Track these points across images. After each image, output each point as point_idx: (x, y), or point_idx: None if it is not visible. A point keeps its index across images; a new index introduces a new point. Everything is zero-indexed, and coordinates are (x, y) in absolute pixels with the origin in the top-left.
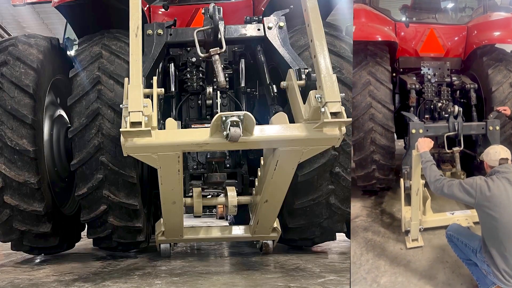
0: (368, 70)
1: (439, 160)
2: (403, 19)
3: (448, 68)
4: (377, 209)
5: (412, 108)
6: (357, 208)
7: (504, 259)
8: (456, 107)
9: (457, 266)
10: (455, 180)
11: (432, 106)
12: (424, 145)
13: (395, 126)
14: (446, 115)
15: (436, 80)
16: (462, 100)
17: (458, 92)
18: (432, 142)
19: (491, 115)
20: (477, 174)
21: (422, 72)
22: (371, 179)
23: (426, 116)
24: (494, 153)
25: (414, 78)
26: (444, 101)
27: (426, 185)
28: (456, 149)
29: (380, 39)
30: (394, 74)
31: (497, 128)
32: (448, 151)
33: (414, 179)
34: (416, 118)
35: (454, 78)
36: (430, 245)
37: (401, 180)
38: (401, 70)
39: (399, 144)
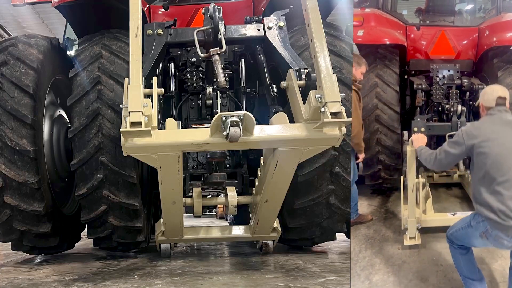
0: (376, 73)
1: None
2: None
3: (458, 70)
4: (382, 208)
5: (418, 109)
6: (364, 206)
7: (496, 195)
8: (460, 106)
9: (450, 270)
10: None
11: (440, 109)
12: (419, 141)
13: (407, 129)
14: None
15: (445, 82)
16: (471, 102)
17: (467, 93)
18: (426, 137)
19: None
20: None
21: (431, 74)
22: (377, 178)
23: (434, 118)
24: (491, 92)
25: (424, 80)
26: (452, 103)
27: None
28: None
29: (388, 42)
30: (406, 77)
31: None
32: None
33: (410, 175)
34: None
35: (464, 80)
36: (428, 247)
37: (402, 178)
38: (413, 72)
39: None
